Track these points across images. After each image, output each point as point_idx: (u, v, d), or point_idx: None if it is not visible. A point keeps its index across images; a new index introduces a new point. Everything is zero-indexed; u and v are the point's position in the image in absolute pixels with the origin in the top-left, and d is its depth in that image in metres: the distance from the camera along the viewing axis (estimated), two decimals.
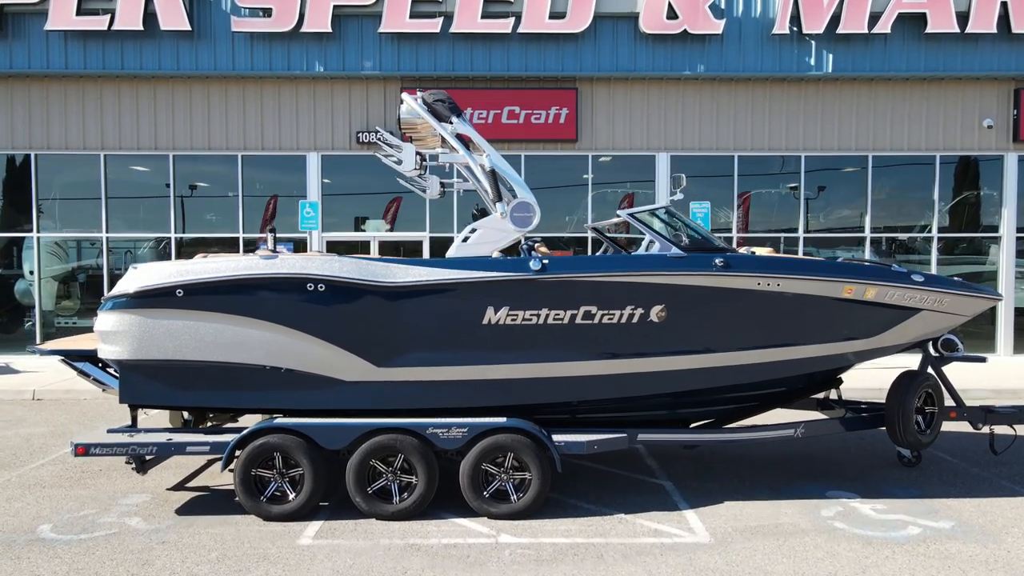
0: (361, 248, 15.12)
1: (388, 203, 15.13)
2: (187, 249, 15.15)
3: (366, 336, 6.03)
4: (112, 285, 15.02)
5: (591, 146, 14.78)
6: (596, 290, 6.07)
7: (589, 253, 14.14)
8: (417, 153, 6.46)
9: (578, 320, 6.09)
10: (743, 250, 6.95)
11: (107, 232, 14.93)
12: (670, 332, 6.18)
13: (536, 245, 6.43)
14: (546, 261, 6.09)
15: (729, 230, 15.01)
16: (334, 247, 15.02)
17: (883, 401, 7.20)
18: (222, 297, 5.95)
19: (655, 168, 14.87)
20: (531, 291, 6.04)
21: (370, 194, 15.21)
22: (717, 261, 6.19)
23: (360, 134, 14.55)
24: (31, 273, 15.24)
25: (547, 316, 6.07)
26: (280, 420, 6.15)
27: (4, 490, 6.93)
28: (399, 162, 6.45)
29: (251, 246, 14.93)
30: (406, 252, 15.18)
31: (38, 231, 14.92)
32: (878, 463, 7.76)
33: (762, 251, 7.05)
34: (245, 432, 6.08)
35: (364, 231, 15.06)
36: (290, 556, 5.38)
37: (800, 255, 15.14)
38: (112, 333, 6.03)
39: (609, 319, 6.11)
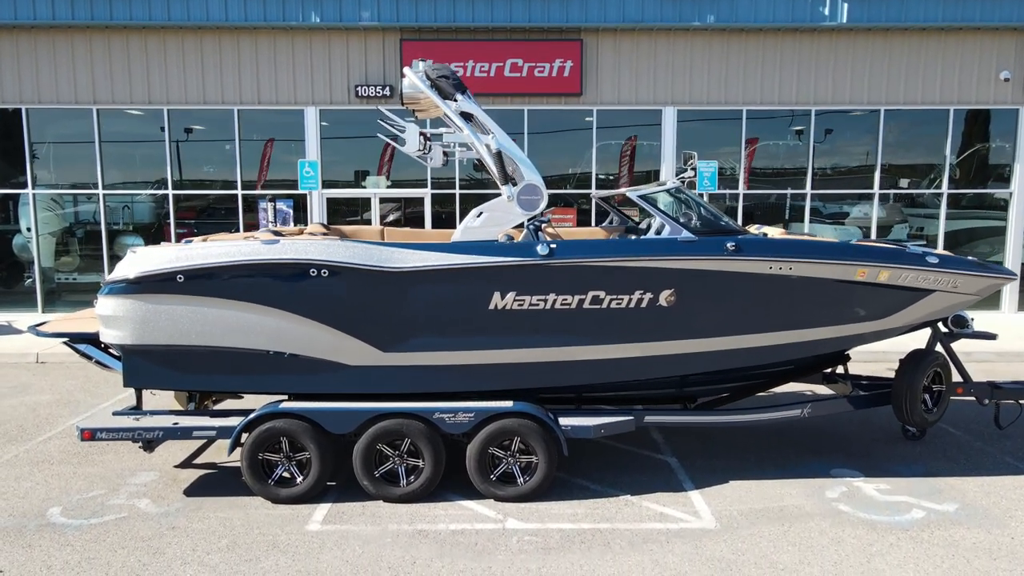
0: (362, 205, 14.92)
1: (383, 148, 14.73)
2: (185, 204, 14.96)
3: (370, 321, 5.95)
4: (111, 241, 14.91)
5: (596, 100, 14.40)
6: (605, 275, 5.95)
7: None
8: (420, 133, 6.25)
9: (586, 305, 6.00)
10: (754, 229, 6.81)
11: (103, 188, 14.69)
12: (679, 316, 6.09)
13: (543, 226, 6.27)
14: (554, 246, 5.95)
15: (735, 186, 14.76)
16: (334, 204, 14.83)
17: (888, 373, 7.18)
18: (223, 283, 5.84)
19: (661, 123, 14.53)
20: (538, 276, 5.93)
21: (368, 137, 14.86)
22: (729, 245, 6.05)
23: (359, 88, 14.16)
24: (28, 230, 15.07)
25: (555, 301, 5.97)
26: (286, 405, 6.12)
27: (13, 468, 6.97)
28: (403, 143, 6.24)
29: (250, 202, 14.72)
30: (407, 206, 14.98)
31: (33, 187, 14.68)
32: (882, 436, 7.79)
33: (774, 232, 6.90)
34: (251, 417, 6.06)
35: (365, 187, 14.81)
36: (300, 544, 5.42)
37: (807, 210, 14.94)
38: (113, 318, 5.95)
39: (617, 303, 6.02)
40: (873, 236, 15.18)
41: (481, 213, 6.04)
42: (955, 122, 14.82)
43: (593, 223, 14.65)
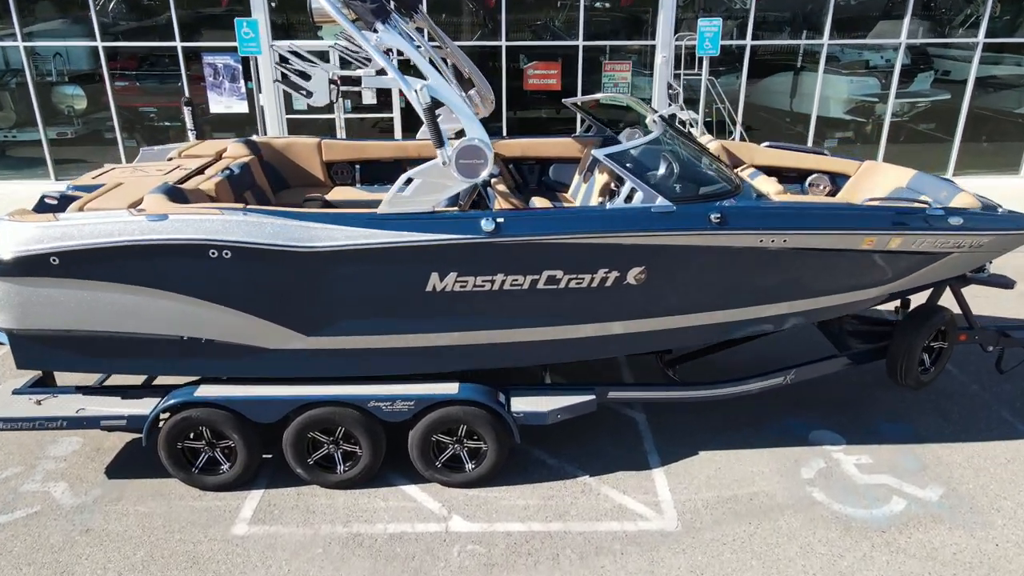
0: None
1: None
2: (124, 51, 13.25)
3: (286, 305, 5.08)
4: (41, 98, 13.44)
5: None
6: (562, 253, 4.98)
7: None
8: (331, 82, 4.93)
9: (540, 286, 5.09)
10: (747, 174, 5.66)
11: (22, 39, 12.91)
12: (651, 294, 5.21)
13: (494, 182, 5.18)
14: (501, 220, 4.91)
15: (744, 33, 12.95)
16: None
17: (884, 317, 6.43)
18: (105, 265, 4.89)
19: None
20: (483, 255, 4.96)
21: None
22: (712, 217, 5.00)
23: None
24: None
25: (503, 282, 5.05)
26: (202, 392, 5.41)
27: None
28: (309, 94, 4.95)
29: (190, 56, 13.02)
30: None
31: None
32: (870, 380, 7.17)
33: (769, 187, 5.75)
34: (161, 406, 5.38)
35: (322, 38, 13.00)
36: (222, 557, 4.98)
37: (823, 58, 13.26)
38: None
39: (577, 283, 5.11)
40: (894, 87, 13.63)
41: (411, 179, 4.90)
42: None
43: (579, 78, 13.08)
